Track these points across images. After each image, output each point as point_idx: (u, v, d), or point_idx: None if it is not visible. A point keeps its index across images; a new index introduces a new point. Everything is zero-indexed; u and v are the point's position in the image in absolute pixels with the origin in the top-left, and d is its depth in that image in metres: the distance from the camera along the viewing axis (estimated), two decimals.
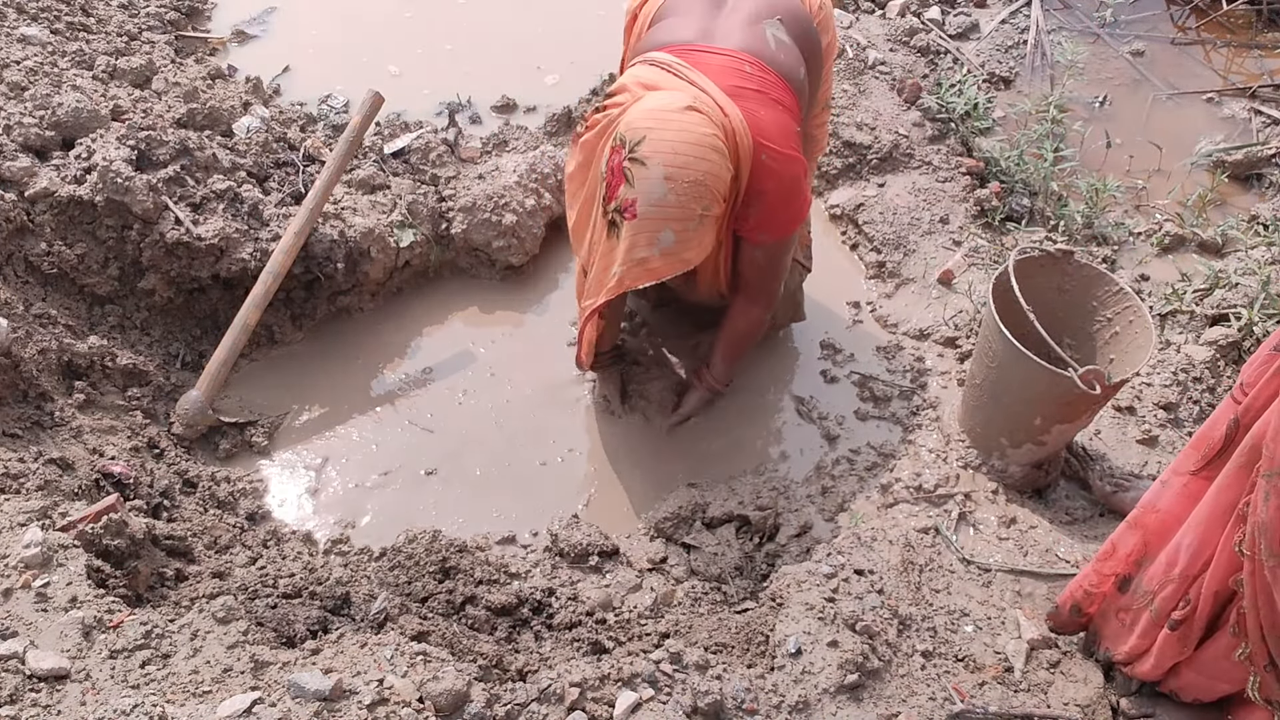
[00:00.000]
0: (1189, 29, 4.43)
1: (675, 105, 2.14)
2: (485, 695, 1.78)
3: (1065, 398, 2.32)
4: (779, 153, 2.27)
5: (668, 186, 2.11)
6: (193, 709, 1.64)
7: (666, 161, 2.10)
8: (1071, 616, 2.16)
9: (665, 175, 2.10)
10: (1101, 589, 2.06)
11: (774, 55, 2.33)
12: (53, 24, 3.41)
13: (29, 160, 2.76)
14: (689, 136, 2.11)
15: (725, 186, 2.20)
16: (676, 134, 2.11)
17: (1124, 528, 2.02)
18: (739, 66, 2.28)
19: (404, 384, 2.98)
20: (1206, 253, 3.36)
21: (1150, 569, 1.93)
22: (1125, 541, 2.00)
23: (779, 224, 2.40)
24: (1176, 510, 1.88)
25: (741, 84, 2.26)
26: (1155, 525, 1.92)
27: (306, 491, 2.69)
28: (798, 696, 1.91)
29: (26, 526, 1.93)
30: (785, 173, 2.30)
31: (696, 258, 2.27)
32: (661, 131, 2.11)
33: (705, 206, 2.17)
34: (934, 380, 2.98)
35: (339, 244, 2.93)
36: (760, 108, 2.26)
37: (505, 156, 3.39)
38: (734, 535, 2.59)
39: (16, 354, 2.39)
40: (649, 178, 2.11)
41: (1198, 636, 1.86)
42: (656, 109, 2.14)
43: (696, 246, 2.23)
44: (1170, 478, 1.91)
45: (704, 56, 2.29)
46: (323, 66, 3.89)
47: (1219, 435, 1.75)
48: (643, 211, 2.14)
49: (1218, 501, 1.75)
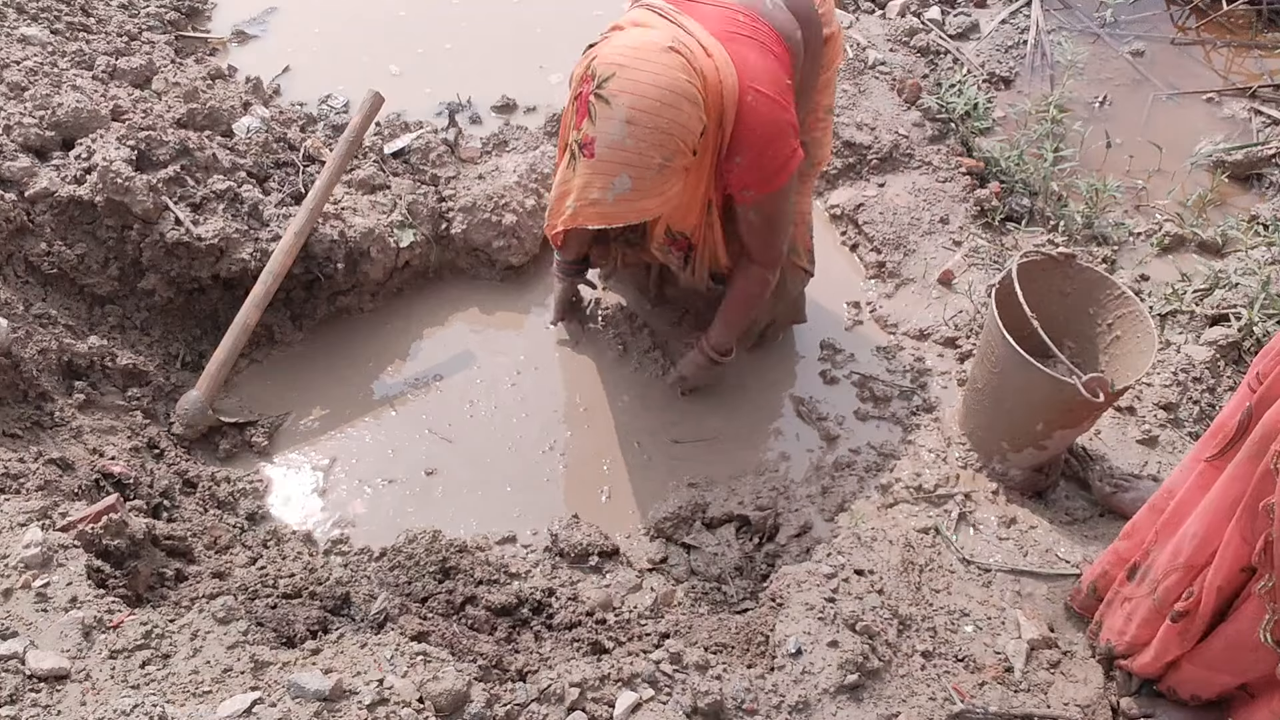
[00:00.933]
0: (1189, 29, 4.43)
1: (655, 44, 2.05)
2: (485, 695, 1.78)
3: (1068, 405, 2.32)
4: (765, 95, 2.19)
5: (628, 130, 2.02)
6: (193, 709, 1.64)
7: (631, 104, 2.01)
8: (1089, 597, 2.17)
9: (627, 118, 2.02)
10: (1116, 570, 2.06)
11: (770, 12, 2.27)
12: (53, 24, 3.41)
13: (29, 160, 2.76)
14: (660, 80, 2.02)
15: (693, 138, 2.09)
16: (649, 75, 2.01)
17: (1145, 509, 2.02)
18: (733, 16, 2.21)
19: (404, 384, 2.98)
20: (1206, 253, 3.36)
21: (1159, 557, 1.92)
22: (1144, 523, 2.00)
23: (764, 175, 2.29)
24: (1190, 497, 1.87)
25: (734, 29, 2.20)
26: (1169, 511, 1.92)
27: (306, 491, 2.69)
28: (798, 696, 1.91)
29: (26, 526, 1.93)
30: (771, 117, 2.21)
31: (655, 208, 2.18)
32: (632, 70, 2.02)
33: (666, 157, 2.06)
34: (934, 380, 2.98)
35: (339, 244, 2.93)
36: (750, 52, 2.20)
37: (505, 156, 3.39)
38: (734, 535, 2.59)
39: (16, 354, 2.39)
40: (611, 118, 2.03)
41: (1200, 631, 1.85)
42: (634, 45, 2.06)
43: (656, 197, 2.14)
44: (1189, 463, 1.91)
45: (698, 6, 2.24)
46: (323, 66, 3.89)
47: (1233, 424, 1.74)
48: (599, 153, 2.06)
49: (1226, 491, 1.74)
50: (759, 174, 2.29)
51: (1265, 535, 1.63)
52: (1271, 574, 1.65)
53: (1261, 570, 1.67)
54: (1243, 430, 1.71)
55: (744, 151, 2.24)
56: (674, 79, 2.03)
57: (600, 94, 2.04)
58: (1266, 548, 1.64)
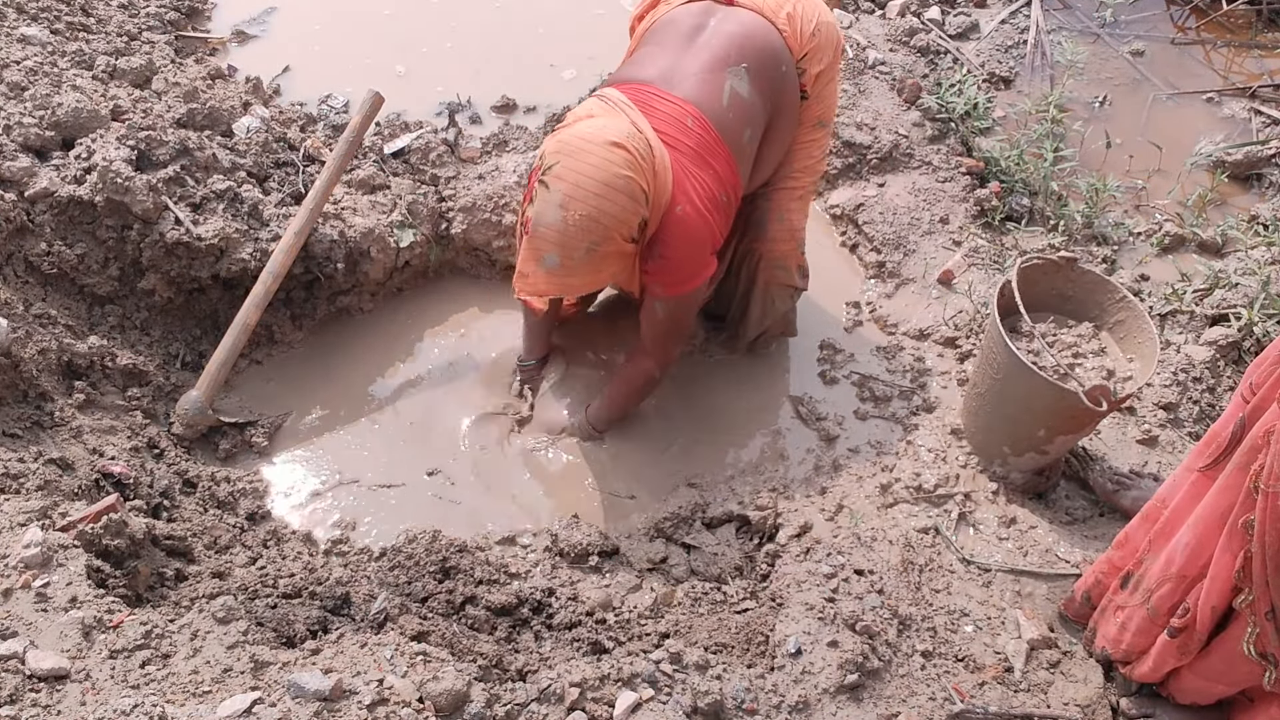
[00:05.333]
0: (1189, 29, 4.43)
1: (601, 138, 2.14)
2: (485, 695, 1.78)
3: (1070, 411, 2.32)
4: (695, 209, 2.30)
5: (560, 214, 2.14)
6: (193, 709, 1.64)
7: (566, 191, 2.13)
8: (1083, 605, 2.17)
9: (560, 203, 2.13)
10: (1109, 580, 2.06)
11: (722, 114, 2.36)
12: (53, 24, 3.41)
13: (29, 160, 2.76)
14: (598, 174, 2.12)
15: (626, 229, 2.19)
16: (588, 166, 2.12)
17: (1138, 518, 2.03)
18: (682, 119, 2.32)
19: (404, 384, 2.98)
20: (1206, 253, 3.36)
21: (1152, 566, 1.92)
22: (1138, 533, 2.00)
23: (676, 278, 2.41)
24: (1182, 507, 1.87)
25: (680, 137, 2.31)
26: (1162, 521, 1.92)
27: (306, 492, 2.69)
28: (798, 696, 1.91)
29: (26, 526, 1.93)
30: (693, 232, 2.32)
31: (583, 286, 2.33)
32: (573, 161, 2.13)
33: (594, 242, 2.17)
34: (934, 380, 2.98)
35: (339, 244, 2.93)
36: (691, 164, 2.31)
37: (505, 156, 3.39)
38: (734, 535, 2.59)
39: (16, 354, 2.39)
40: (548, 201, 2.15)
41: (1198, 645, 1.85)
42: (582, 135, 2.17)
43: (583, 275, 2.26)
44: (1182, 473, 1.91)
45: (654, 100, 2.34)
46: (323, 66, 3.89)
47: (1227, 434, 1.75)
48: (533, 230, 2.19)
49: (1216, 502, 1.74)
50: (671, 276, 2.40)
51: (1244, 551, 1.65)
52: (1251, 588, 1.67)
53: (1241, 584, 1.69)
54: (1236, 441, 1.72)
55: (662, 253, 2.34)
56: (612, 173, 2.13)
57: (543, 179, 2.17)
58: (1246, 564, 1.66)
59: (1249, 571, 1.65)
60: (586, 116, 2.26)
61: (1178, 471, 1.93)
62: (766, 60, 2.42)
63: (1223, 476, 1.73)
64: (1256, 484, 1.58)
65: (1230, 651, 1.80)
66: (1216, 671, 1.87)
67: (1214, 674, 1.88)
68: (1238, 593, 1.70)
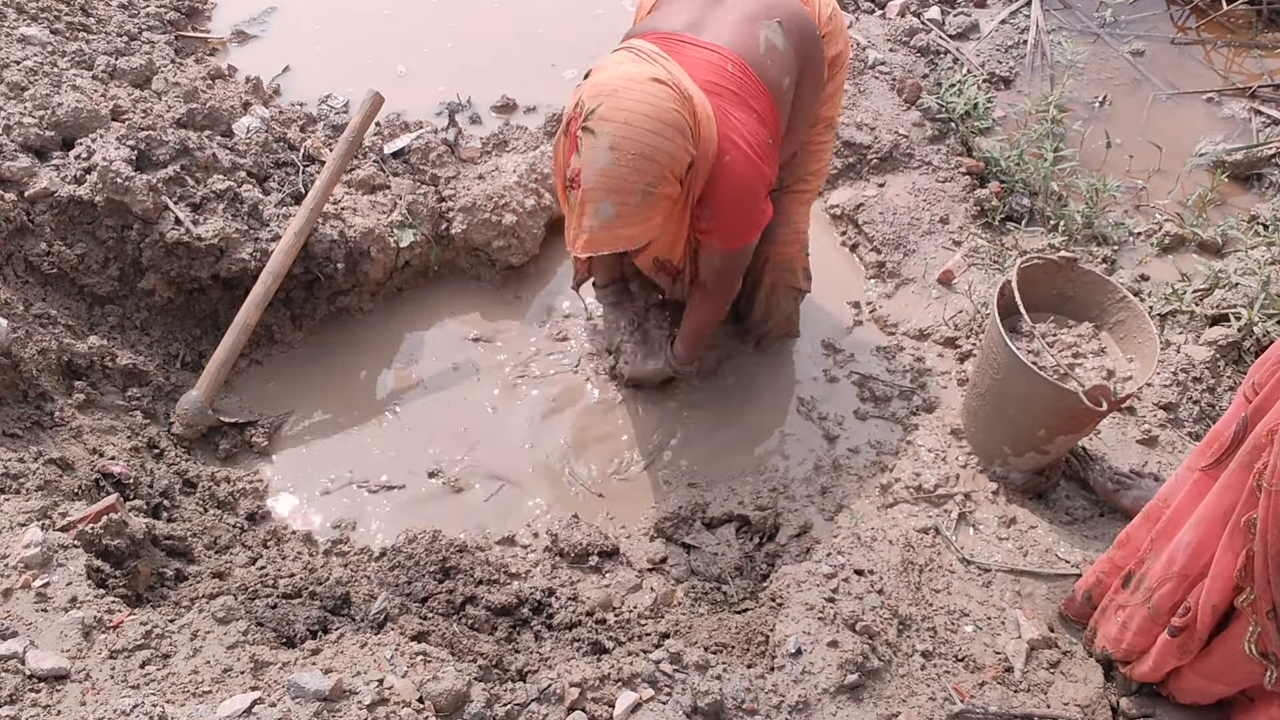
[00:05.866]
0: (1189, 29, 4.43)
1: (642, 75, 2.05)
2: (485, 695, 1.78)
3: (1070, 411, 2.32)
4: (744, 154, 2.19)
5: (611, 156, 2.01)
6: (193, 709, 1.64)
7: (615, 130, 2.01)
8: (1084, 605, 2.17)
9: (611, 145, 2.01)
10: (1110, 579, 2.06)
11: (760, 60, 2.26)
12: (53, 24, 3.41)
13: (29, 160, 2.76)
14: (645, 107, 2.00)
15: (679, 166, 2.08)
16: (633, 102, 2.01)
17: (1140, 518, 2.02)
18: (720, 64, 2.21)
19: (404, 384, 2.98)
20: (1206, 253, 3.36)
21: (1154, 565, 1.92)
22: (1139, 532, 2.00)
23: (732, 233, 2.33)
24: (1184, 506, 1.87)
25: (719, 81, 2.19)
26: (1164, 520, 1.92)
27: (306, 492, 2.69)
28: (798, 696, 1.91)
29: (26, 526, 1.93)
30: (745, 178, 2.22)
31: (641, 236, 2.17)
32: (618, 98, 2.01)
33: (650, 183, 2.05)
34: (934, 380, 2.98)
35: (339, 244, 2.93)
36: (734, 108, 2.19)
37: (505, 156, 3.39)
38: (734, 535, 2.59)
39: (16, 354, 2.39)
40: (596, 146, 2.03)
41: (1199, 645, 1.85)
42: (621, 74, 2.06)
43: (639, 224, 2.12)
44: (1184, 473, 1.91)
45: (686, 48, 2.22)
46: (323, 66, 3.89)
47: (1229, 433, 1.75)
48: (585, 181, 2.06)
49: (1219, 501, 1.74)
50: (726, 231, 2.32)
51: (1246, 550, 1.65)
52: (1253, 587, 1.67)
53: (1243, 583, 1.68)
54: (1238, 440, 1.72)
55: (715, 207, 2.25)
56: (660, 106, 2.02)
57: (587, 126, 2.04)
58: (1248, 563, 1.66)
59: (1251, 570, 1.65)
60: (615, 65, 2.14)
61: (1179, 471, 1.93)
62: (797, 19, 2.33)
63: (1225, 476, 1.73)
64: (1259, 483, 1.58)
65: (1231, 651, 1.80)
66: (1217, 671, 1.87)
67: (1214, 673, 1.88)
68: (1239, 592, 1.70)
